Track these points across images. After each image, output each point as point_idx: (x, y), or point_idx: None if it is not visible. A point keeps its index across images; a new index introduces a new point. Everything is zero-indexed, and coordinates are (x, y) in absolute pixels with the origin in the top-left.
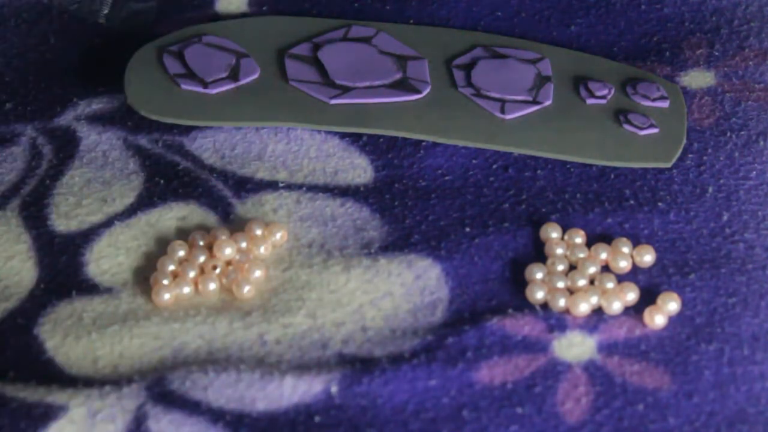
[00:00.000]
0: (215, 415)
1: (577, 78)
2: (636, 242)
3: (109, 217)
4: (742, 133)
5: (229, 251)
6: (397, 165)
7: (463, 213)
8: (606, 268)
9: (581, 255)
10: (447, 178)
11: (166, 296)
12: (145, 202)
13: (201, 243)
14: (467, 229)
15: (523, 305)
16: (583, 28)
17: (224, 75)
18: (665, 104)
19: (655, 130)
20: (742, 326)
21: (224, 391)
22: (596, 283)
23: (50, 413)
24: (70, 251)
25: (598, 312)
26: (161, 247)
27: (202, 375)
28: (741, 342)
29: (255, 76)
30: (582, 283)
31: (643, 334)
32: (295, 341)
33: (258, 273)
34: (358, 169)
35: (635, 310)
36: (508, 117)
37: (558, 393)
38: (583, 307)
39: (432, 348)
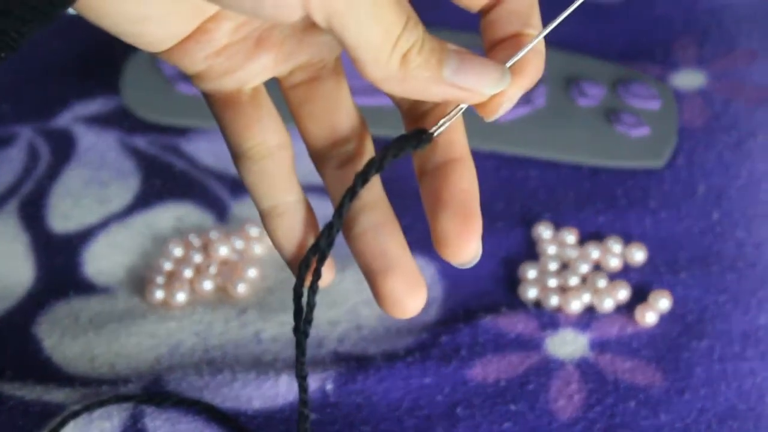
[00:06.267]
0: (211, 413)
1: (569, 79)
2: (627, 241)
3: (106, 218)
4: (733, 132)
5: (224, 251)
6: (392, 165)
7: None
8: (598, 267)
9: (573, 254)
10: None
11: (159, 295)
12: (141, 202)
13: (197, 243)
14: None
15: (516, 304)
16: (575, 29)
17: None
18: (656, 104)
19: (646, 130)
20: (732, 323)
21: (220, 390)
22: (588, 281)
23: (47, 412)
24: (68, 251)
25: (590, 310)
26: (158, 247)
27: (198, 378)
28: (731, 339)
29: None
30: (574, 281)
31: (634, 331)
32: (291, 339)
33: (253, 272)
34: None
35: (627, 308)
36: (501, 117)
37: (551, 390)
38: (575, 305)
39: (426, 346)
